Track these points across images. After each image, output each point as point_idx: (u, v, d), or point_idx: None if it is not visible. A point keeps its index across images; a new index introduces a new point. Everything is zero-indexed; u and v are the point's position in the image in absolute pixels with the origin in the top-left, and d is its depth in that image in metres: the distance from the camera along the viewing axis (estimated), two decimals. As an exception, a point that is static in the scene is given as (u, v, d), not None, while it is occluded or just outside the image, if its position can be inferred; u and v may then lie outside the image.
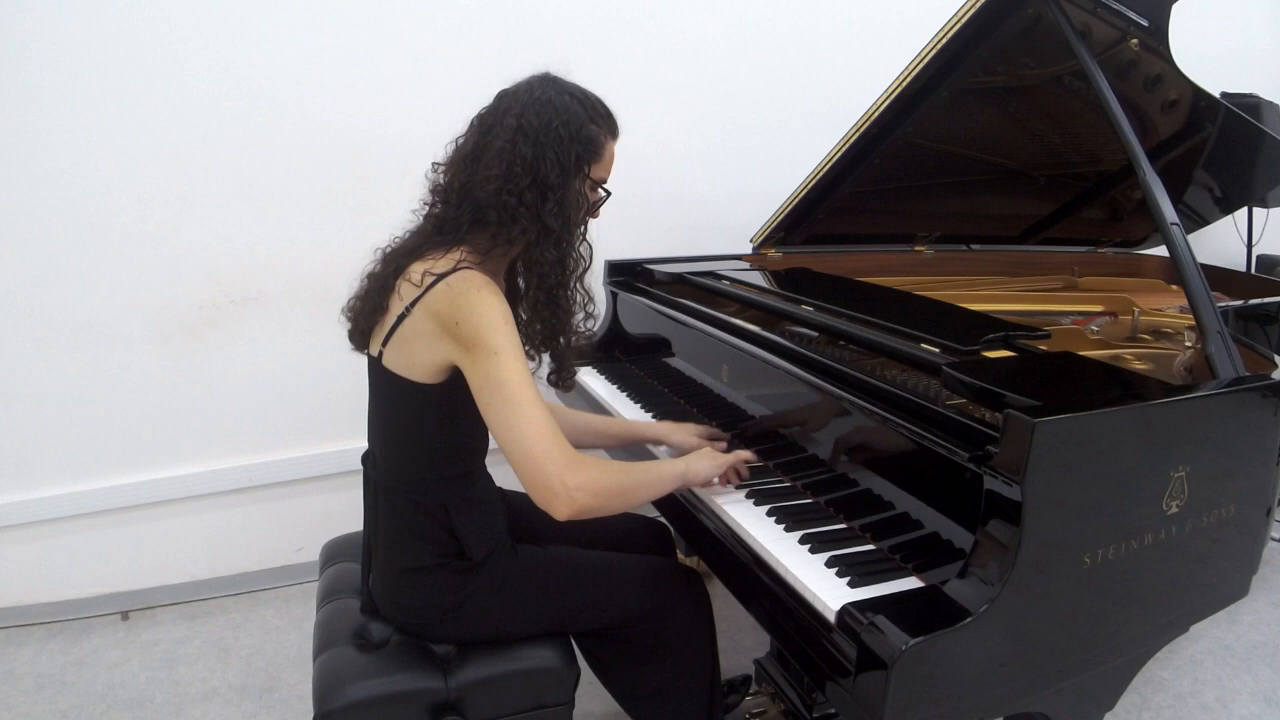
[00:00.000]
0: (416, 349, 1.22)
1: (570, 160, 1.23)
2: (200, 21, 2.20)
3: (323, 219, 2.40)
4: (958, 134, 2.05)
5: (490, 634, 1.38)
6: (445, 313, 1.18)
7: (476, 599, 1.35)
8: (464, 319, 1.17)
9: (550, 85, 1.26)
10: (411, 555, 1.34)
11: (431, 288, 1.20)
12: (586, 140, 1.25)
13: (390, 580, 1.39)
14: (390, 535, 1.36)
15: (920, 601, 1.08)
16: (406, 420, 1.30)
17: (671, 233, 2.71)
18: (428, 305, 1.20)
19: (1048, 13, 1.58)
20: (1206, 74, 1.95)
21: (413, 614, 1.39)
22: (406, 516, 1.33)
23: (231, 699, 2.05)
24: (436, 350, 1.21)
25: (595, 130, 1.27)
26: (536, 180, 1.21)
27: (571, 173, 1.24)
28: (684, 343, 1.92)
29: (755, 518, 1.35)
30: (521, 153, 1.20)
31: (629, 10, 2.59)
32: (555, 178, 1.21)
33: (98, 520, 2.38)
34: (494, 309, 1.17)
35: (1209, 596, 1.31)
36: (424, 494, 1.32)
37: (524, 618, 1.39)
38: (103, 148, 2.19)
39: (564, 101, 1.24)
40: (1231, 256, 3.27)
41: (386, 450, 1.36)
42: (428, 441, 1.30)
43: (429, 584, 1.35)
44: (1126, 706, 1.96)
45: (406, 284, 1.23)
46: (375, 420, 1.38)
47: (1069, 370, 1.34)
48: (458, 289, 1.18)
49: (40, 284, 2.22)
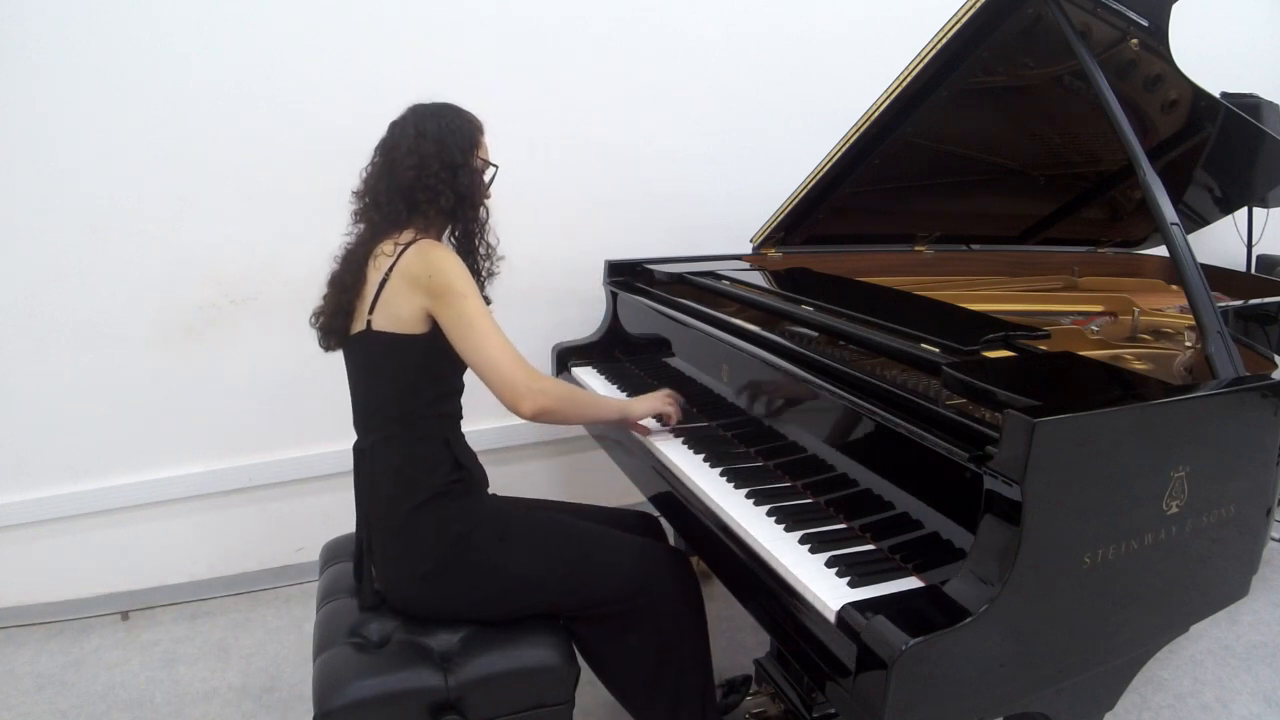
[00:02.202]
0: (399, 306, 1.45)
1: (465, 143, 1.53)
2: (200, 22, 2.20)
3: (323, 219, 2.37)
4: (958, 134, 2.05)
5: (494, 585, 1.45)
6: (418, 270, 1.43)
7: (483, 526, 1.47)
8: (435, 272, 1.42)
9: (427, 107, 1.55)
10: (419, 489, 1.45)
11: (403, 254, 1.45)
12: (468, 129, 1.55)
13: (398, 530, 1.45)
14: (394, 486, 1.46)
15: (920, 601, 1.07)
16: (403, 371, 1.47)
17: (671, 233, 2.71)
18: (402, 269, 1.44)
19: (1048, 13, 1.58)
20: (1206, 74, 1.95)
21: (423, 560, 1.43)
22: (411, 455, 1.47)
23: (231, 699, 2.05)
24: (415, 303, 1.44)
25: (469, 123, 1.56)
26: (444, 163, 1.50)
27: (468, 151, 1.54)
28: (684, 343, 1.92)
29: (755, 518, 1.35)
30: (426, 147, 1.49)
31: (629, 11, 2.59)
32: (459, 157, 1.51)
33: (98, 520, 2.38)
34: (456, 263, 1.46)
35: (1209, 596, 1.31)
36: (425, 430, 1.48)
37: (524, 566, 1.46)
38: (103, 148, 2.19)
39: (441, 109, 1.56)
40: (1231, 256, 3.27)
41: (385, 407, 1.50)
42: (424, 381, 1.48)
43: (438, 514, 1.45)
44: (1126, 706, 1.96)
45: (380, 258, 1.48)
46: (370, 388, 1.52)
47: (1069, 370, 1.34)
48: (425, 250, 1.45)
49: (40, 284, 2.22)
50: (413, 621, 1.47)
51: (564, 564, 1.49)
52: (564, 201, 2.61)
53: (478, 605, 1.46)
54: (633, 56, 2.62)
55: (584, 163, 2.63)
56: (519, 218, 1.63)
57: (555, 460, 2.80)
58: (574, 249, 2.54)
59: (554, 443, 2.75)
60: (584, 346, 2.28)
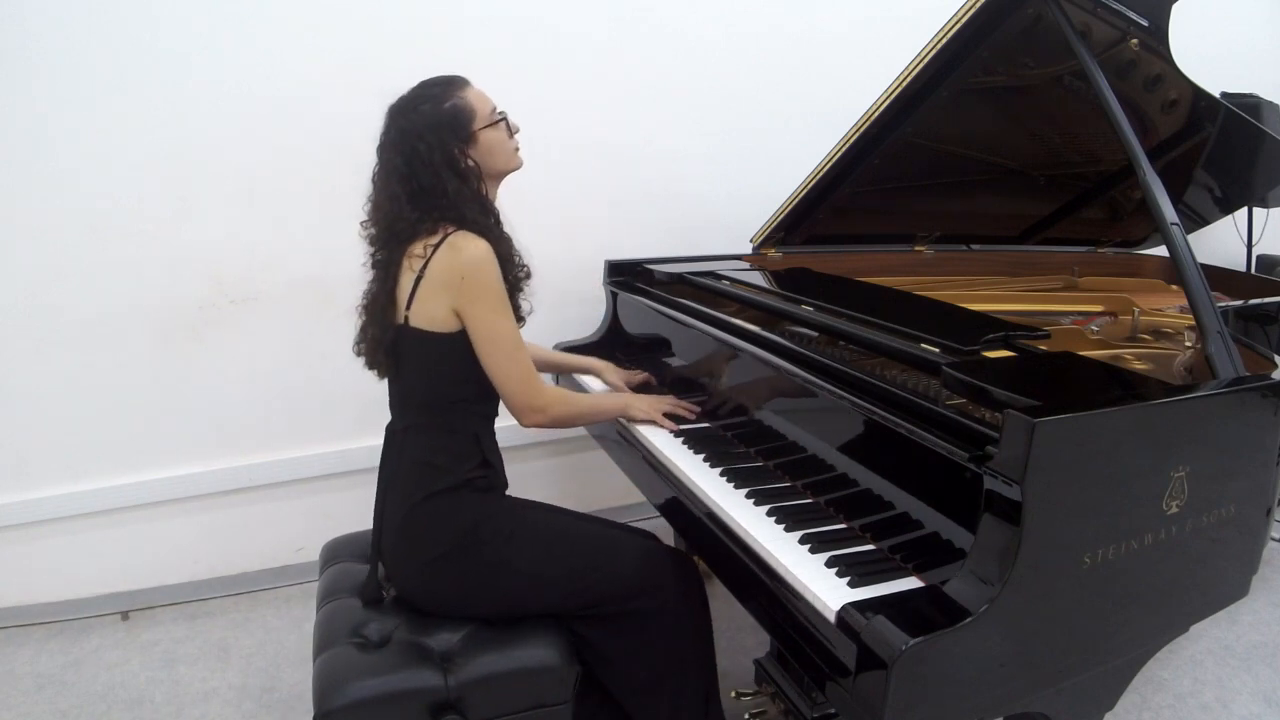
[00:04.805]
0: (432, 306, 1.46)
1: (454, 124, 1.48)
2: (200, 22, 2.20)
3: (323, 219, 2.40)
4: (958, 134, 2.05)
5: (498, 580, 1.46)
6: (450, 274, 1.43)
7: (495, 520, 1.49)
8: (467, 274, 1.43)
9: (399, 102, 1.51)
10: (441, 476, 1.47)
11: (434, 254, 1.44)
12: (454, 113, 1.49)
13: (412, 513, 1.47)
14: (418, 471, 1.49)
15: (920, 601, 1.07)
16: (437, 366, 1.50)
17: (671, 233, 2.70)
18: (434, 270, 1.44)
19: (1048, 13, 1.58)
20: (1206, 74, 1.95)
21: (432, 546, 1.45)
22: (440, 444, 1.50)
23: (231, 699, 2.05)
24: (446, 305, 1.45)
25: (452, 101, 1.50)
26: (443, 154, 1.47)
27: (460, 130, 1.49)
28: (684, 343, 1.92)
29: (755, 518, 1.35)
30: (422, 155, 1.45)
31: (629, 11, 2.59)
32: (451, 139, 1.48)
33: (98, 520, 2.38)
34: (487, 263, 1.44)
35: (1209, 596, 1.31)
36: (458, 423, 1.51)
37: (529, 564, 1.47)
38: (103, 148, 2.19)
39: (413, 100, 1.50)
40: (1231, 256, 3.27)
41: (421, 398, 1.52)
42: (458, 377, 1.50)
43: (453, 503, 1.48)
44: (1126, 706, 1.96)
45: (413, 259, 1.46)
46: (407, 379, 1.54)
47: (1069, 370, 1.34)
48: (458, 248, 1.43)
49: (40, 284, 2.22)
50: (415, 615, 1.48)
51: (569, 565, 1.49)
52: (564, 201, 2.61)
53: (480, 599, 1.46)
54: (633, 56, 2.62)
55: (584, 163, 2.63)
56: (519, 217, 1.62)
57: (555, 460, 2.80)
58: (574, 249, 2.54)
59: (554, 443, 2.75)
60: (584, 346, 2.28)
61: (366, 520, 1.58)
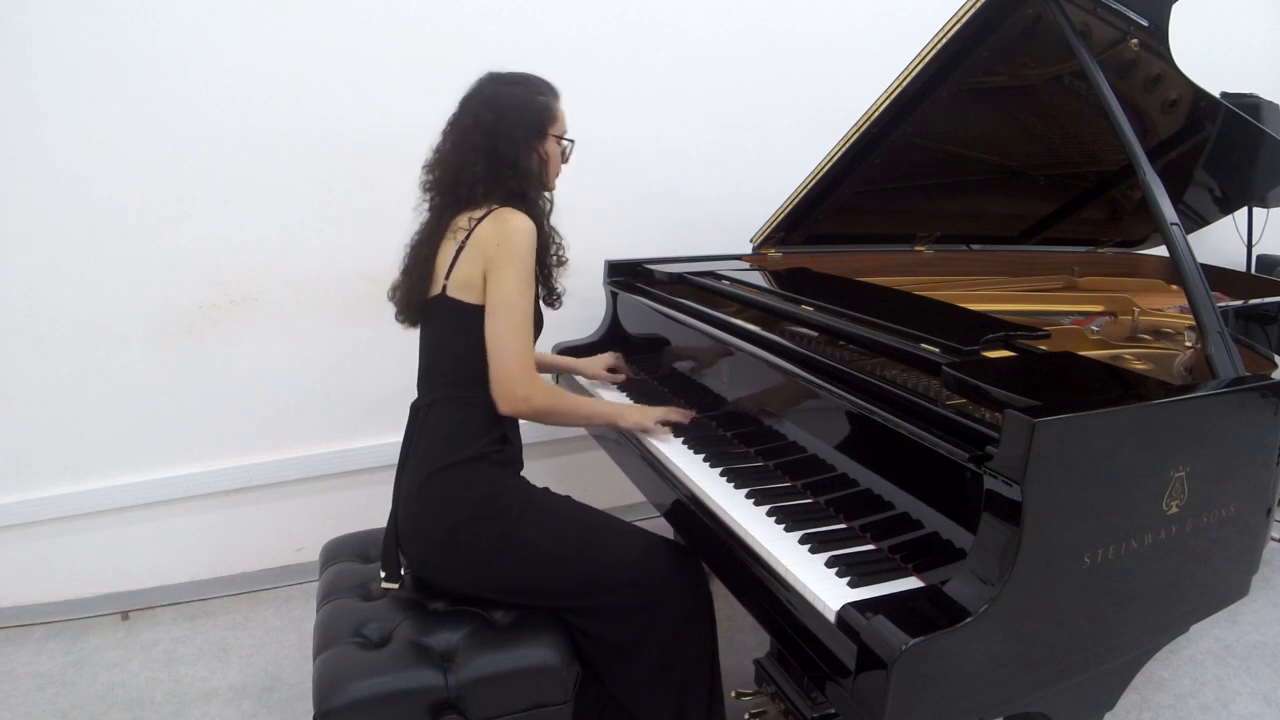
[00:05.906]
0: (469, 273, 1.51)
1: (531, 121, 1.58)
2: (199, 21, 2.20)
3: (323, 219, 2.40)
4: (958, 134, 2.05)
5: (508, 553, 1.47)
6: (489, 239, 1.49)
7: (508, 495, 1.52)
8: (503, 240, 1.48)
9: (500, 76, 1.60)
10: (460, 448, 1.50)
11: (478, 225, 1.50)
12: (545, 108, 1.60)
13: (429, 481, 1.50)
14: (439, 443, 1.52)
15: (920, 601, 1.07)
16: (468, 338, 1.52)
17: (671, 233, 2.71)
18: (476, 237, 1.50)
19: (1048, 13, 1.58)
20: (1206, 74, 1.95)
21: (447, 513, 1.47)
22: (462, 419, 1.53)
23: (231, 699, 2.05)
24: (479, 270, 1.50)
25: (547, 100, 1.61)
26: (508, 141, 1.54)
27: (533, 131, 1.58)
28: (684, 343, 1.92)
29: (755, 518, 1.35)
30: (510, 122, 1.54)
31: (630, 11, 2.59)
32: (519, 134, 1.56)
33: (98, 520, 2.38)
34: (526, 235, 1.50)
35: (1209, 596, 1.31)
36: (481, 400, 1.53)
37: (538, 539, 1.49)
38: (102, 148, 2.19)
39: (512, 83, 1.60)
40: (1231, 256, 3.27)
41: (447, 371, 1.56)
42: (485, 352, 1.52)
43: (469, 474, 1.50)
44: (1126, 706, 1.96)
45: (457, 231, 1.53)
46: (437, 352, 1.59)
47: (1069, 370, 1.34)
48: (502, 218, 1.50)
49: (40, 284, 2.22)
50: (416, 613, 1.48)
51: (578, 544, 1.50)
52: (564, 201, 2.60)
53: (491, 572, 1.47)
54: (633, 56, 2.62)
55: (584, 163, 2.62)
56: (518, 217, 1.62)
57: (556, 460, 2.80)
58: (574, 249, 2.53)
59: (555, 443, 2.75)
60: (584, 347, 2.28)
61: (366, 520, 1.59)
